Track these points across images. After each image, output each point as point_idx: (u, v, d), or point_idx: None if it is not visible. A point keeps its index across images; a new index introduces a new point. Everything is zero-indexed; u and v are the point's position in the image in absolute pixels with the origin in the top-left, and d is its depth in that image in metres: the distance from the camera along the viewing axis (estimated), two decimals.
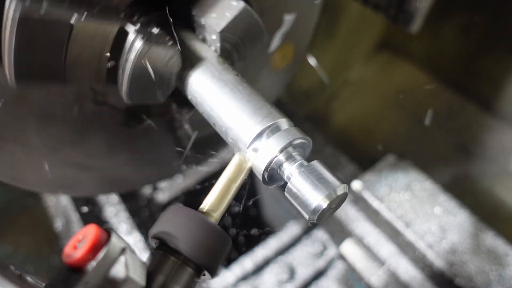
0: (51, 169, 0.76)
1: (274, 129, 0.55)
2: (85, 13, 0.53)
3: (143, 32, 0.58)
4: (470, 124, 1.64)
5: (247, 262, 1.17)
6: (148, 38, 0.57)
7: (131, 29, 0.58)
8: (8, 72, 0.53)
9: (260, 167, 0.54)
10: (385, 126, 1.73)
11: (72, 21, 0.52)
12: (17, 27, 0.49)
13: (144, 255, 1.12)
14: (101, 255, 0.42)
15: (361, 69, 1.86)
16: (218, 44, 0.65)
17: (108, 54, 0.59)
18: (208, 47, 0.66)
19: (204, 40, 0.68)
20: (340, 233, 1.20)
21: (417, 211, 1.08)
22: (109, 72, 0.61)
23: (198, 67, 0.63)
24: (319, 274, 1.19)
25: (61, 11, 0.51)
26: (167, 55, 0.60)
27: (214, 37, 0.65)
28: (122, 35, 0.58)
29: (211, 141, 0.85)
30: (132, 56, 0.57)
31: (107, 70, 0.61)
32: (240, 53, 0.69)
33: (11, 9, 0.49)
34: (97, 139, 0.80)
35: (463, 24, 1.56)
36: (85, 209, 1.24)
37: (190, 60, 0.64)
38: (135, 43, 0.57)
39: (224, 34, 0.64)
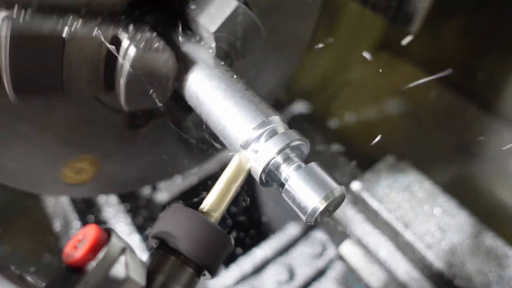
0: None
1: (271, 131, 0.55)
2: (76, 24, 0.53)
3: (136, 38, 0.57)
4: (470, 125, 1.63)
5: (246, 263, 1.17)
6: (142, 44, 0.57)
7: (124, 36, 0.57)
8: (7, 87, 0.54)
9: (257, 169, 0.53)
10: (385, 126, 1.73)
11: (64, 35, 0.52)
12: (10, 45, 0.50)
13: (144, 255, 1.12)
14: (101, 255, 0.42)
15: (361, 69, 1.86)
16: (213, 45, 0.65)
17: (103, 63, 0.58)
18: (205, 48, 0.66)
19: (200, 40, 0.67)
20: (339, 234, 1.20)
21: (417, 211, 1.08)
22: (108, 80, 0.61)
23: (194, 69, 0.63)
24: (318, 275, 1.19)
25: (51, 25, 0.52)
26: (161, 59, 0.60)
27: (209, 37, 0.64)
28: (116, 43, 0.58)
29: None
30: (126, 64, 0.57)
31: (105, 78, 0.60)
32: (238, 51, 0.68)
33: (3, 28, 0.50)
34: (101, 142, 0.80)
35: (463, 24, 1.55)
36: (85, 211, 1.25)
37: (186, 62, 0.64)
38: (128, 50, 0.57)
39: (219, 35, 0.63)
